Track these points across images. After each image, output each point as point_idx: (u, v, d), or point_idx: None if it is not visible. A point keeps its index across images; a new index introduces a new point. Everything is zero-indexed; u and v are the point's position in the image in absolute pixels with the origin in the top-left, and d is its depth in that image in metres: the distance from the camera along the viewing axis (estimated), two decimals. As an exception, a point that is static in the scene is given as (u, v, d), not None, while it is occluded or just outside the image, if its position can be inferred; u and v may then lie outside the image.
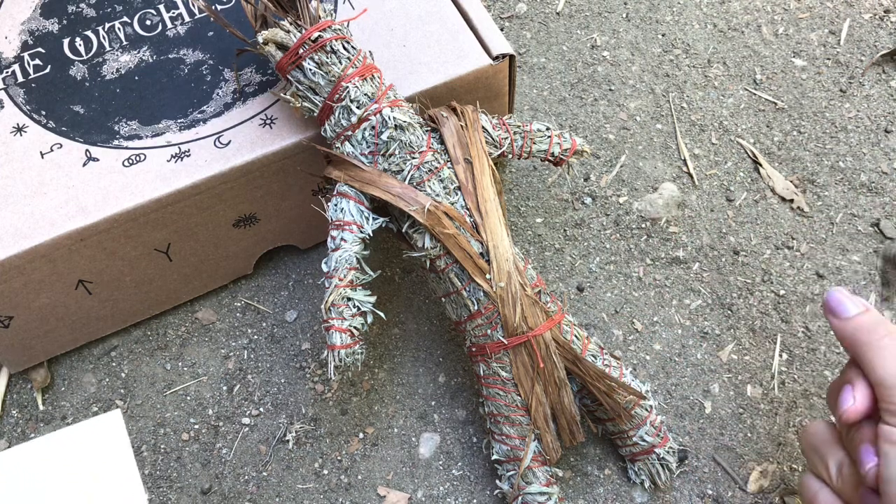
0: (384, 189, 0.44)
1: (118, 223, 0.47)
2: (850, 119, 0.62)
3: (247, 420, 0.51)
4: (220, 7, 0.55)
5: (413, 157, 0.44)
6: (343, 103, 0.44)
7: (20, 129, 0.50)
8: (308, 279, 0.57)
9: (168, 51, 0.53)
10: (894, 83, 0.64)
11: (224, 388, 0.53)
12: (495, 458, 0.46)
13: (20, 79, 0.52)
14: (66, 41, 0.54)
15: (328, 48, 0.44)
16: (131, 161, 0.48)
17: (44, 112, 0.51)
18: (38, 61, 0.53)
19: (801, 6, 0.69)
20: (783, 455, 0.49)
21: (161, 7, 0.55)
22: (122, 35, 0.54)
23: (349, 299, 0.42)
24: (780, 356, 0.52)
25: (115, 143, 0.49)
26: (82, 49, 0.53)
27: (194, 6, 0.55)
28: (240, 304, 0.56)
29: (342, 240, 0.43)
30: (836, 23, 0.68)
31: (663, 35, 0.68)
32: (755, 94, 0.64)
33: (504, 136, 0.48)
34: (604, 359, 0.46)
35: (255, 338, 0.54)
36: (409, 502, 0.48)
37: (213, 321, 0.55)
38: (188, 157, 0.48)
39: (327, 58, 0.44)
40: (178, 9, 0.55)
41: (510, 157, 0.49)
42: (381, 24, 0.53)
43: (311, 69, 0.44)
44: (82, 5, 0.56)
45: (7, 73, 0.52)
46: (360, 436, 0.51)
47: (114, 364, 0.54)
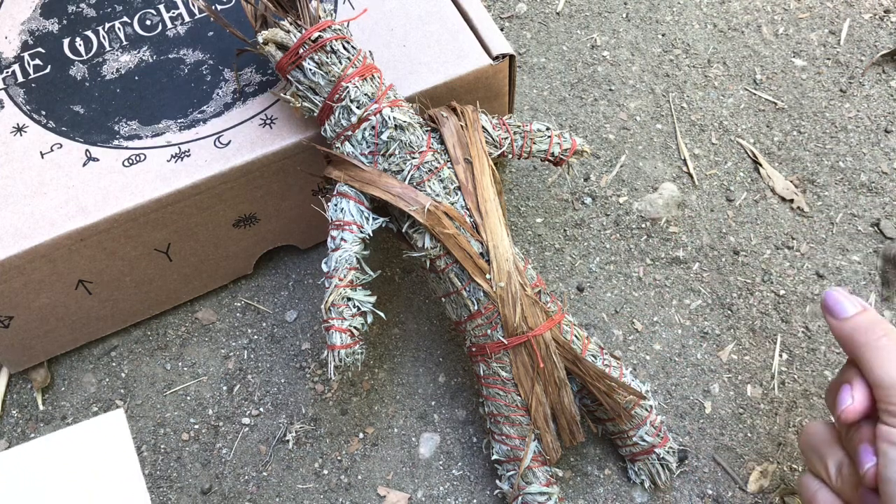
0: (384, 189, 0.44)
1: (118, 223, 0.47)
2: (850, 119, 0.62)
3: (247, 420, 0.51)
4: (220, 7, 0.55)
5: (413, 157, 0.44)
6: (343, 103, 0.44)
7: (20, 129, 0.50)
8: (308, 279, 0.57)
9: (168, 51, 0.53)
10: (894, 83, 0.64)
11: (224, 388, 0.53)
12: (495, 458, 0.46)
13: (20, 79, 0.52)
14: (66, 41, 0.54)
15: (328, 48, 0.44)
16: (131, 161, 0.48)
17: (44, 112, 0.51)
18: (38, 61, 0.53)
19: (801, 6, 0.69)
20: (783, 455, 0.49)
21: (161, 7, 0.55)
22: (122, 35, 0.54)
23: (349, 299, 0.42)
24: (780, 356, 0.52)
25: (115, 143, 0.49)
26: (82, 49, 0.53)
27: (194, 6, 0.55)
28: (240, 304, 0.56)
29: (342, 240, 0.43)
30: (836, 23, 0.68)
31: (663, 35, 0.68)
32: (755, 94, 0.64)
33: (504, 136, 0.48)
34: (604, 359, 0.46)
35: (255, 338, 0.54)
36: (409, 502, 0.48)
37: (213, 321, 0.55)
38: (188, 157, 0.48)
39: (327, 58, 0.44)
40: (178, 9, 0.55)
41: (510, 157, 0.49)
42: (381, 24, 0.53)
43: (311, 69, 0.44)
44: (82, 5, 0.56)
45: (7, 73, 0.52)
46: (360, 436, 0.51)
47: (114, 364, 0.54)
